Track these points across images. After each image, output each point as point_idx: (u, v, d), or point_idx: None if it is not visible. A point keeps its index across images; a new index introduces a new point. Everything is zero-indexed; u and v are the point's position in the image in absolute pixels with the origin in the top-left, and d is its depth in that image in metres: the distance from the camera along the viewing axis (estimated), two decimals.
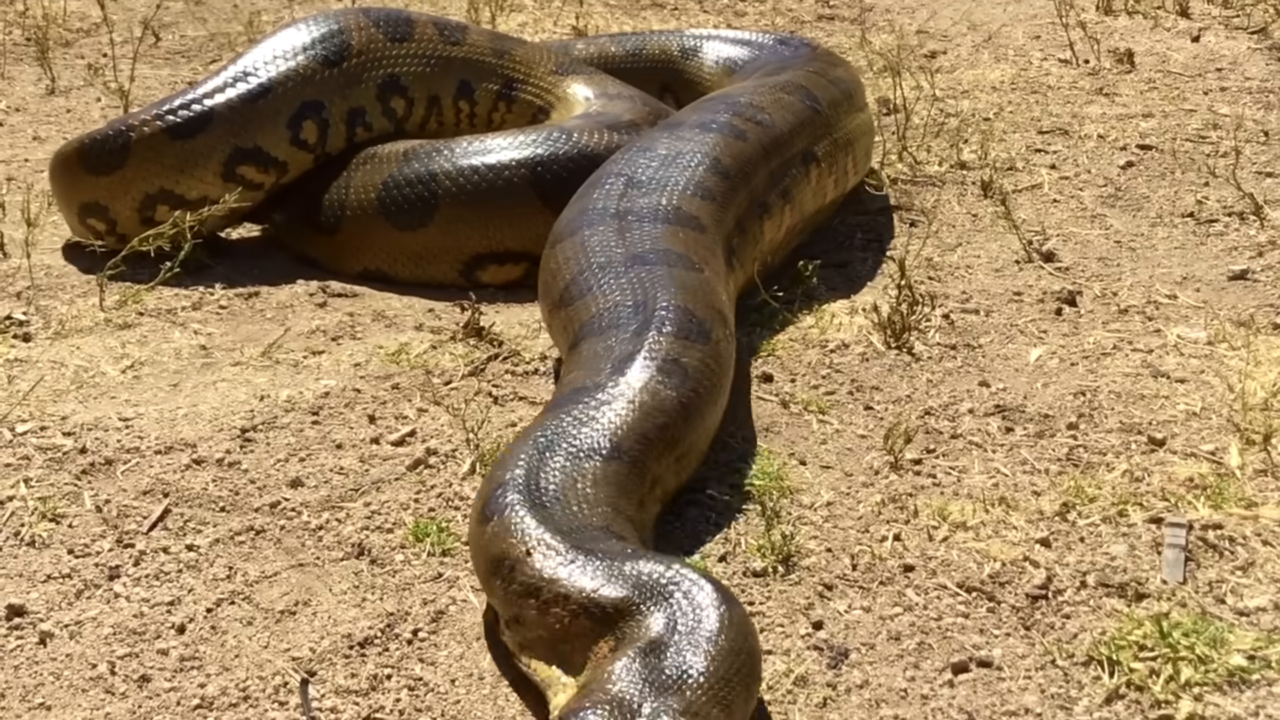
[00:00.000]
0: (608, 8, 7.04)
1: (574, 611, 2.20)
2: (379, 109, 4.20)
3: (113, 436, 3.10)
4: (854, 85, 4.43)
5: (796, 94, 4.05)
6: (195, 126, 3.95)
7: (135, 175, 3.96)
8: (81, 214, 4.09)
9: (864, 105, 4.42)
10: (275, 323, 3.74)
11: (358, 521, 2.81)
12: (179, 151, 3.95)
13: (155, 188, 3.97)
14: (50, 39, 6.18)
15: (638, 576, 2.20)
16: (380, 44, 4.22)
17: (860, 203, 4.49)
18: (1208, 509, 2.76)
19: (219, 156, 3.96)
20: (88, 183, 4.03)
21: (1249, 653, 2.35)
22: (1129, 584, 2.54)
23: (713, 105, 3.98)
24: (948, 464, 2.98)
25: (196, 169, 3.96)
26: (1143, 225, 4.26)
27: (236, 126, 3.97)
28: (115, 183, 3.98)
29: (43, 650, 2.45)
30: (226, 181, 3.98)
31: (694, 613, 2.13)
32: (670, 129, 3.82)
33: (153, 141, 3.94)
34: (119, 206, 4.00)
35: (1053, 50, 6.03)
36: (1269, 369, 3.30)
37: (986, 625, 2.47)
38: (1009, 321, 3.64)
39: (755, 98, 3.98)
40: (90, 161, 4.01)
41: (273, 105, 4.01)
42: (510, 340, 3.56)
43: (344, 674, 2.38)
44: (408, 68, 4.24)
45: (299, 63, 4.08)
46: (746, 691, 2.09)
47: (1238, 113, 5.11)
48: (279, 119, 4.02)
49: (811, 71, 4.31)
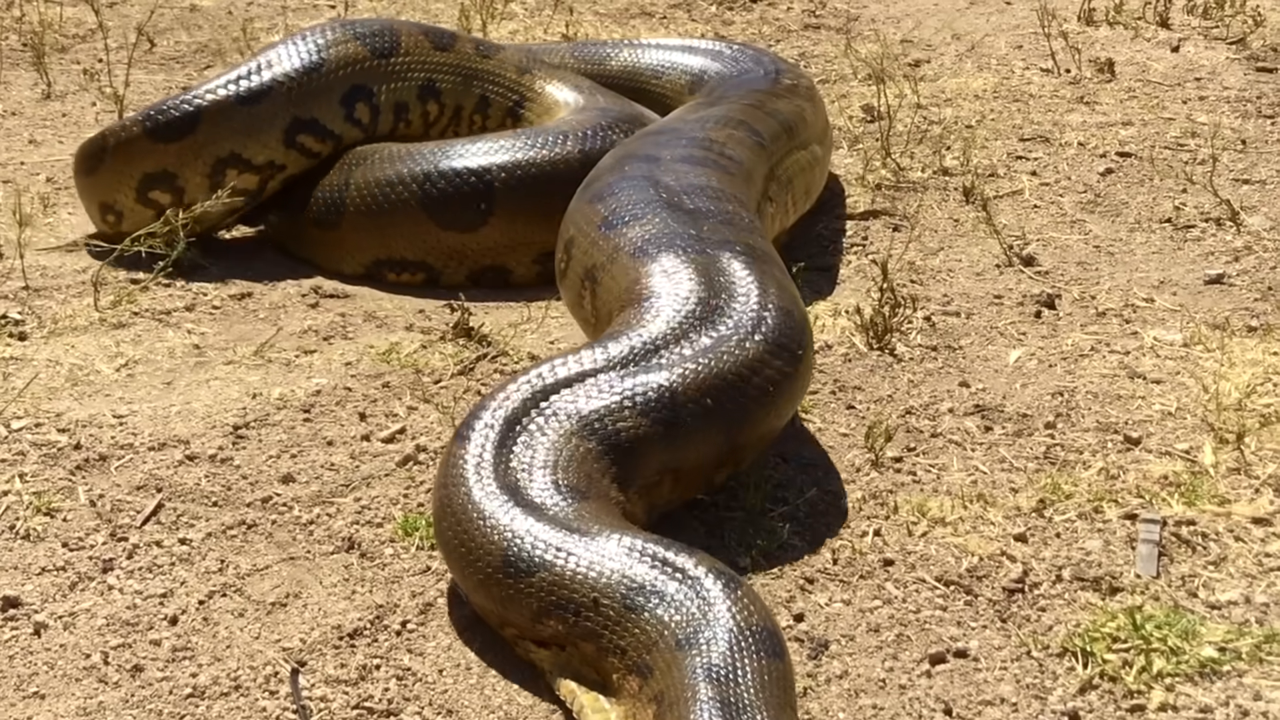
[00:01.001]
0: (597, 16, 7.07)
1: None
2: (419, 109, 4.36)
3: (107, 433, 3.12)
4: (795, 119, 4.23)
5: (741, 129, 3.94)
6: (259, 94, 4.08)
7: (207, 140, 4.05)
8: (143, 187, 4.10)
9: (807, 142, 4.22)
10: (268, 323, 3.76)
11: (348, 516, 2.83)
12: (246, 116, 4.06)
13: (226, 151, 4.06)
14: (46, 44, 6.19)
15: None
16: (425, 49, 4.40)
17: (845, 207, 4.52)
18: (1181, 506, 2.80)
19: (280, 123, 4.10)
20: (156, 152, 4.07)
21: (1220, 645, 2.39)
22: (1103, 578, 2.57)
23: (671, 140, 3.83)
24: (928, 462, 3.01)
25: (262, 134, 4.08)
26: (1121, 230, 4.30)
27: (295, 97, 4.11)
28: (186, 148, 4.06)
29: (37, 641, 2.47)
30: (288, 149, 4.11)
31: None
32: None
33: (223, 106, 4.05)
34: (189, 173, 4.07)
35: (1035, 60, 6.07)
36: (1243, 370, 3.34)
37: (964, 618, 2.50)
38: (989, 324, 3.68)
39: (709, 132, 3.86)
40: (159, 131, 4.06)
41: (325, 81, 4.15)
42: (499, 340, 3.58)
43: (334, 664, 2.40)
44: (445, 76, 4.40)
45: (350, 49, 4.23)
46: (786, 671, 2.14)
47: (1216, 121, 5.16)
48: (332, 95, 4.16)
49: (750, 105, 4.18)
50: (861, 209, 4.50)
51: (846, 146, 5.06)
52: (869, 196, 4.58)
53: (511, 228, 3.96)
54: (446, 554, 2.50)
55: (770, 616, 2.20)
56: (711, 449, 2.69)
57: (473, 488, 2.46)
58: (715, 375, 2.69)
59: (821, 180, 4.42)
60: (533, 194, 3.93)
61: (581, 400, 2.63)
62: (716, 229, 3.16)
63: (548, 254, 3.71)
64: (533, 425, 2.58)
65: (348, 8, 7.18)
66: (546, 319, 3.73)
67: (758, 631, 2.12)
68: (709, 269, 2.96)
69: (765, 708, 2.01)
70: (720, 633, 2.11)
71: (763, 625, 2.14)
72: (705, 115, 4.07)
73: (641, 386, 2.64)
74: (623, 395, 2.63)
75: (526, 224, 3.95)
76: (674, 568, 2.23)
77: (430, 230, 3.98)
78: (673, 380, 2.66)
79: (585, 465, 2.54)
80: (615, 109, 4.32)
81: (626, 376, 2.67)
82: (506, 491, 2.44)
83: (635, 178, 3.45)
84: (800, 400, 2.96)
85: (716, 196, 3.36)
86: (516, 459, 2.52)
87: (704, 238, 3.10)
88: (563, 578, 2.28)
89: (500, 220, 3.95)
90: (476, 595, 2.44)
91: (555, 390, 2.65)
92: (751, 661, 2.07)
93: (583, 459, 2.54)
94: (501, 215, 3.94)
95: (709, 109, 4.18)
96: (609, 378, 2.67)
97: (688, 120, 4.04)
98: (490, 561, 2.35)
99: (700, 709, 2.00)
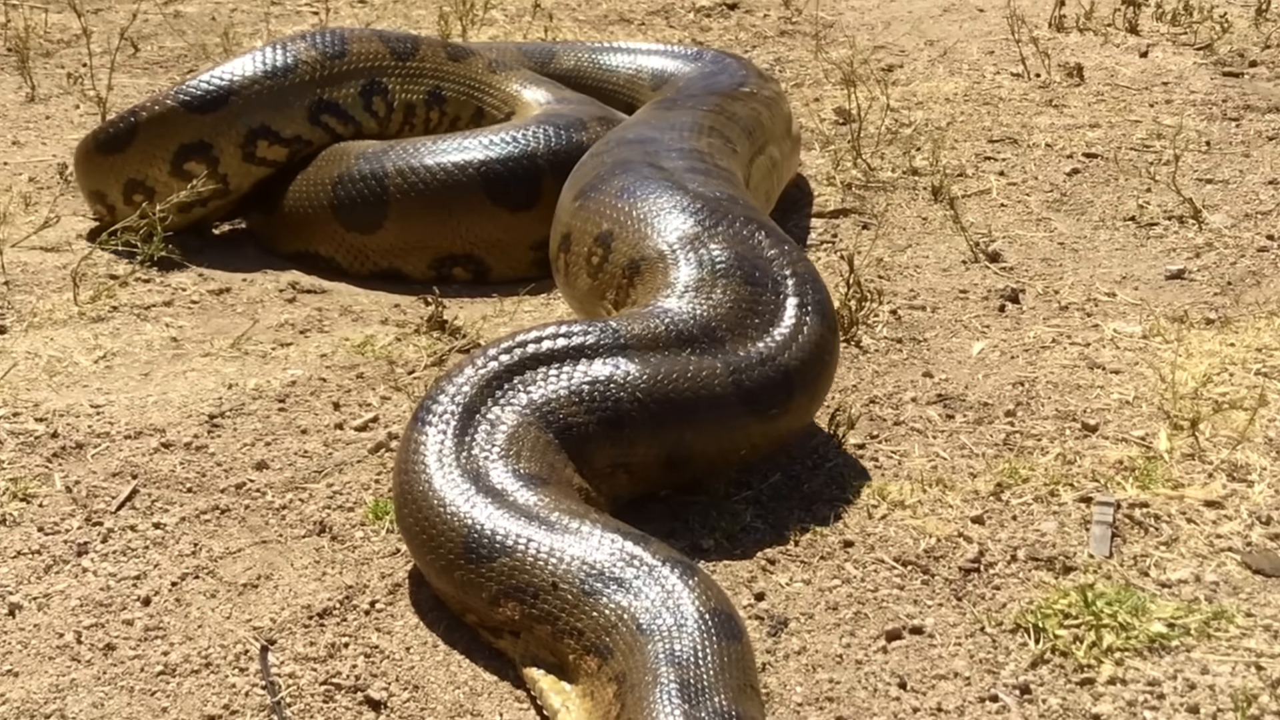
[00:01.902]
0: (576, 22, 7.11)
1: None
2: (424, 114, 4.47)
3: (84, 422, 3.15)
4: (753, 123, 4.20)
5: (715, 136, 3.91)
6: (287, 70, 4.21)
7: (241, 110, 4.15)
8: (178, 159, 4.16)
9: (764, 146, 4.20)
10: (245, 317, 3.79)
11: (320, 501, 2.86)
12: (275, 89, 4.18)
13: (258, 123, 4.16)
14: (31, 49, 6.21)
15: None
16: (441, 58, 4.55)
17: (816, 206, 4.57)
18: (1136, 489, 2.84)
19: (306, 101, 4.21)
20: (193, 123, 4.15)
21: (1169, 621, 2.43)
22: (1057, 558, 2.61)
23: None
24: (889, 448, 3.05)
25: (289, 108, 4.19)
26: (1086, 228, 4.35)
27: (319, 78, 4.24)
28: (221, 119, 4.14)
29: (11, 621, 2.50)
30: (313, 126, 4.23)
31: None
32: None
33: (254, 80, 4.17)
34: (224, 143, 4.15)
35: (1006, 65, 6.13)
36: (1199, 361, 3.39)
37: (920, 596, 2.53)
38: (954, 317, 3.72)
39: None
40: (194, 102, 4.15)
41: (348, 68, 4.30)
42: (472, 333, 3.62)
43: (303, 642, 2.43)
44: (453, 85, 4.52)
45: (373, 46, 4.40)
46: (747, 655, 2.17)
47: (1181, 123, 5.22)
48: (353, 84, 4.30)
49: (712, 110, 4.14)
50: (832, 207, 4.54)
51: (819, 147, 5.11)
52: (839, 195, 4.63)
53: (406, 231, 4.06)
54: (409, 539, 2.53)
55: (726, 600, 2.23)
56: (655, 452, 2.70)
57: (434, 474, 2.49)
58: (659, 385, 2.69)
59: (780, 184, 4.43)
60: (427, 199, 4.02)
61: (536, 387, 2.65)
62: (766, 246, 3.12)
63: (444, 258, 4.01)
64: (491, 412, 2.61)
65: (330, 14, 7.22)
66: (519, 312, 3.77)
67: (715, 614, 2.15)
68: (743, 290, 2.94)
69: (724, 689, 2.04)
70: (679, 617, 2.15)
71: (719, 608, 2.18)
72: (677, 122, 3.99)
73: (591, 379, 2.67)
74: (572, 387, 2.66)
75: (421, 228, 4.05)
76: (631, 555, 2.27)
77: (337, 230, 4.12)
78: (618, 378, 2.68)
79: (545, 453, 2.56)
80: (543, 116, 4.30)
81: (585, 366, 2.70)
82: (468, 478, 2.48)
83: (667, 185, 3.36)
84: (761, 441, 2.85)
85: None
86: (477, 445, 2.55)
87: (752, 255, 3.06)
88: (522, 563, 2.31)
89: (394, 224, 4.05)
90: (439, 581, 2.47)
91: (512, 374, 2.67)
92: (710, 644, 2.11)
93: (543, 447, 2.57)
94: (395, 219, 4.05)
95: (674, 113, 4.11)
96: (569, 365, 2.69)
97: (662, 128, 3.93)
98: (452, 548, 2.39)
99: (661, 690, 2.03)
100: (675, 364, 2.72)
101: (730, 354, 2.78)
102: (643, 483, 2.73)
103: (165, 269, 4.02)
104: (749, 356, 2.78)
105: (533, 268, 3.99)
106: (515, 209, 4.01)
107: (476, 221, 4.02)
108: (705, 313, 2.85)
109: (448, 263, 4.06)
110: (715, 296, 2.89)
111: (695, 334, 2.79)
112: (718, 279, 2.94)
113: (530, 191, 4.00)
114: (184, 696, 2.31)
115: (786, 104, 4.72)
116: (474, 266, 4.06)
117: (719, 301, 2.88)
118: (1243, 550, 2.65)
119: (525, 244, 4.02)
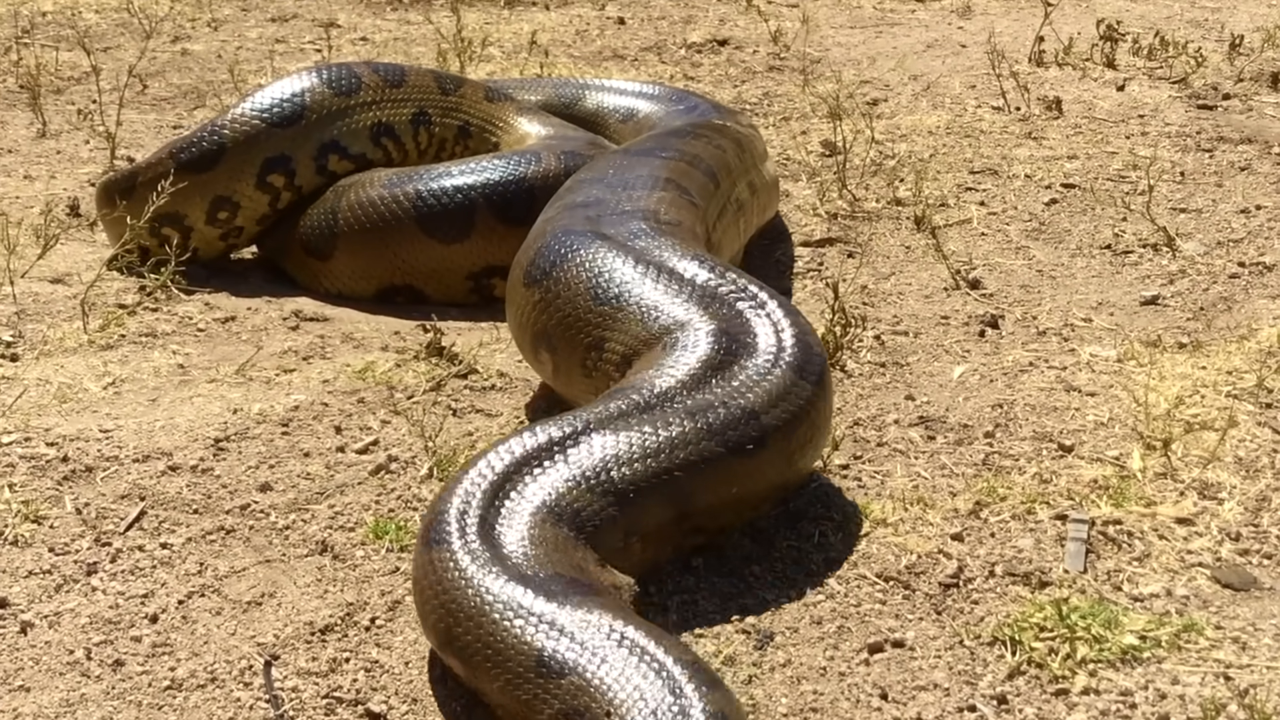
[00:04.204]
0: (572, 59, 7.19)
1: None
2: (451, 148, 4.63)
3: (93, 446, 3.18)
4: (719, 167, 4.05)
5: (672, 189, 3.71)
6: (353, 87, 4.40)
7: (315, 127, 4.31)
8: (263, 171, 4.27)
9: (730, 191, 4.06)
10: (250, 344, 3.83)
11: (322, 521, 2.89)
12: (344, 106, 4.35)
13: (329, 137, 4.30)
14: (42, 86, 6.28)
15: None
16: (479, 98, 4.76)
17: (802, 235, 4.62)
18: (1110, 507, 2.88)
19: (369, 121, 4.39)
20: (275, 137, 4.28)
21: (1141, 633, 2.46)
22: (1033, 573, 2.65)
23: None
24: (872, 469, 3.09)
25: (355, 126, 4.35)
26: (1063, 256, 4.40)
27: (382, 101, 4.44)
28: (299, 133, 4.29)
29: (23, 638, 2.53)
30: (375, 145, 4.42)
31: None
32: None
33: (323, 95, 4.34)
34: (300, 155, 4.29)
35: (987, 99, 6.20)
36: (1172, 383, 3.43)
37: (901, 611, 2.57)
38: (935, 342, 3.77)
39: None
40: (275, 116, 4.29)
41: (408, 88, 4.52)
42: (469, 359, 3.66)
43: (305, 657, 2.46)
44: (480, 123, 4.71)
45: (421, 80, 4.60)
46: None
47: (1156, 154, 5.28)
48: (408, 108, 4.49)
49: (670, 158, 3.94)
50: (818, 237, 4.60)
51: (805, 178, 5.17)
52: (825, 225, 4.68)
53: (354, 262, 4.20)
54: (465, 659, 2.30)
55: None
56: (663, 511, 2.60)
57: (491, 587, 2.29)
58: (647, 447, 2.60)
59: (755, 224, 4.35)
60: (368, 231, 4.15)
61: (536, 487, 2.52)
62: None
63: (386, 288, 4.17)
64: (506, 520, 2.45)
65: (333, 52, 7.29)
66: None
67: None
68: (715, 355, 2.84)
69: None
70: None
71: None
72: (632, 178, 3.73)
73: (581, 462, 2.57)
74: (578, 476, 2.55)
75: (368, 259, 4.18)
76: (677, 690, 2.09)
77: (299, 254, 4.33)
78: (608, 451, 2.58)
79: (568, 551, 2.43)
80: (489, 157, 4.34)
81: (570, 454, 2.59)
82: (527, 588, 2.28)
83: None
84: (760, 484, 2.76)
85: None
86: (511, 555, 2.37)
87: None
88: (587, 685, 2.14)
89: (343, 253, 4.20)
90: (501, 696, 2.25)
91: (507, 483, 2.52)
92: None
93: (564, 544, 2.44)
94: (344, 249, 4.20)
95: (633, 164, 3.89)
96: (556, 459, 2.58)
97: (613, 185, 3.68)
98: (522, 662, 2.20)
99: None
100: (651, 424, 2.63)
101: (697, 401, 2.70)
102: (656, 546, 2.63)
103: (172, 299, 4.06)
104: (714, 401, 2.70)
105: (470, 295, 4.13)
106: (448, 242, 4.09)
107: (412, 253, 4.13)
108: (669, 375, 2.77)
109: (389, 292, 4.19)
110: (678, 358, 2.82)
111: (663, 395, 2.72)
112: (682, 345, 2.86)
113: (463, 225, 4.08)
114: (190, 710, 2.34)
115: (760, 142, 4.64)
116: (414, 296, 4.18)
117: (679, 360, 2.80)
118: (1213, 565, 2.69)
119: (460, 274, 4.12)
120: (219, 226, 4.30)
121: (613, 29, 7.90)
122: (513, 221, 4.00)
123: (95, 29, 7.89)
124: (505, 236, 3.98)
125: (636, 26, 7.95)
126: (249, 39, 7.72)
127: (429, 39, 7.39)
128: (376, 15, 8.36)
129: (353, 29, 7.95)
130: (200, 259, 4.31)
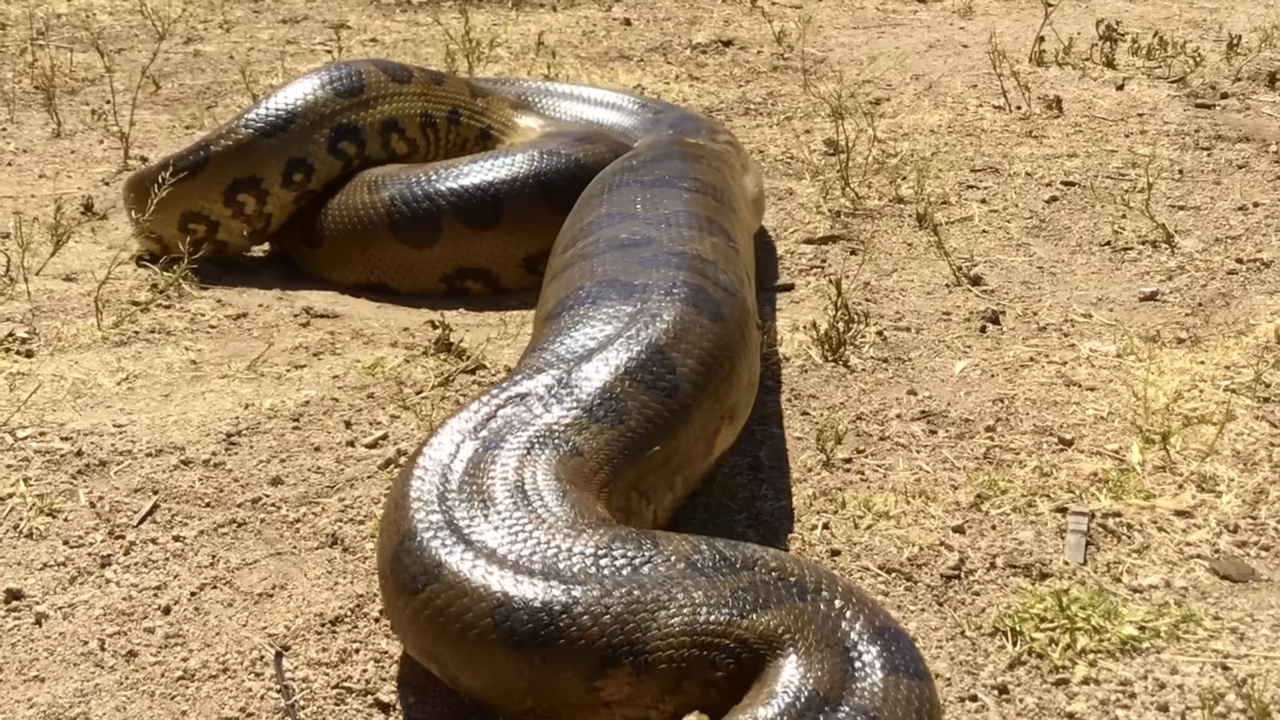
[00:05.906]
0: (578, 60, 7.18)
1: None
2: (471, 149, 4.68)
3: (107, 441, 3.18)
4: (727, 192, 3.74)
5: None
6: (357, 87, 4.43)
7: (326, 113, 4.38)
8: (288, 170, 4.32)
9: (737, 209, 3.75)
10: (261, 341, 3.83)
11: (332, 514, 2.89)
12: (398, 94, 4.48)
13: (339, 124, 4.38)
14: (57, 87, 6.28)
15: None
16: (506, 105, 4.84)
17: (806, 232, 4.61)
18: (1109, 500, 2.87)
19: (379, 118, 4.45)
20: (339, 107, 4.39)
21: (1140, 624, 2.46)
22: (1034, 565, 2.65)
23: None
24: (875, 462, 3.08)
25: (370, 119, 4.43)
26: (1063, 253, 4.39)
27: (387, 96, 4.48)
28: (360, 103, 4.39)
29: (38, 630, 2.53)
30: (384, 140, 4.46)
31: None
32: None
33: (322, 97, 4.39)
34: (315, 150, 4.34)
35: (988, 98, 6.18)
36: (1171, 378, 3.42)
37: (904, 601, 2.57)
38: (937, 338, 3.76)
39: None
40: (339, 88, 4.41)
41: (414, 86, 4.56)
42: (477, 355, 3.66)
43: (316, 648, 2.46)
44: (500, 128, 4.77)
45: (450, 86, 4.68)
46: None
47: (1154, 152, 5.27)
48: (417, 106, 4.54)
49: (692, 190, 3.61)
50: (821, 234, 4.59)
51: (809, 177, 5.16)
52: (828, 223, 4.68)
53: (336, 255, 4.32)
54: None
55: None
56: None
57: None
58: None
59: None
60: (345, 230, 4.25)
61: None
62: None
63: (361, 285, 4.24)
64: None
65: (343, 52, 7.29)
66: (521, 334, 3.81)
67: None
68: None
69: None
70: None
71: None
72: (670, 215, 3.39)
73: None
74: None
75: (347, 256, 4.29)
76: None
77: (295, 239, 4.44)
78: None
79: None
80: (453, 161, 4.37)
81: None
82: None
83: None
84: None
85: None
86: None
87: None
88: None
89: (328, 246, 4.32)
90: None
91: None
92: None
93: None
94: (329, 242, 4.31)
95: (661, 197, 3.54)
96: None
97: (654, 222, 3.36)
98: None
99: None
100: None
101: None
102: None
103: (184, 296, 4.07)
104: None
105: (445, 293, 4.19)
106: (419, 247, 4.15)
107: (385, 255, 4.21)
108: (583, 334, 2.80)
109: (365, 286, 4.27)
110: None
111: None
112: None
113: (431, 232, 4.12)
114: (202, 700, 2.34)
115: (745, 156, 4.52)
116: (389, 291, 4.25)
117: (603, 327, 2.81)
118: (1211, 557, 2.69)
119: (433, 276, 4.19)
120: (245, 221, 4.36)
121: (619, 30, 7.89)
122: (479, 226, 4.10)
123: (109, 31, 7.89)
124: (473, 240, 4.11)
125: (642, 27, 7.94)
126: (260, 40, 7.72)
127: (438, 40, 7.39)
128: (386, 17, 8.36)
129: (362, 30, 7.96)
130: (229, 254, 4.42)
